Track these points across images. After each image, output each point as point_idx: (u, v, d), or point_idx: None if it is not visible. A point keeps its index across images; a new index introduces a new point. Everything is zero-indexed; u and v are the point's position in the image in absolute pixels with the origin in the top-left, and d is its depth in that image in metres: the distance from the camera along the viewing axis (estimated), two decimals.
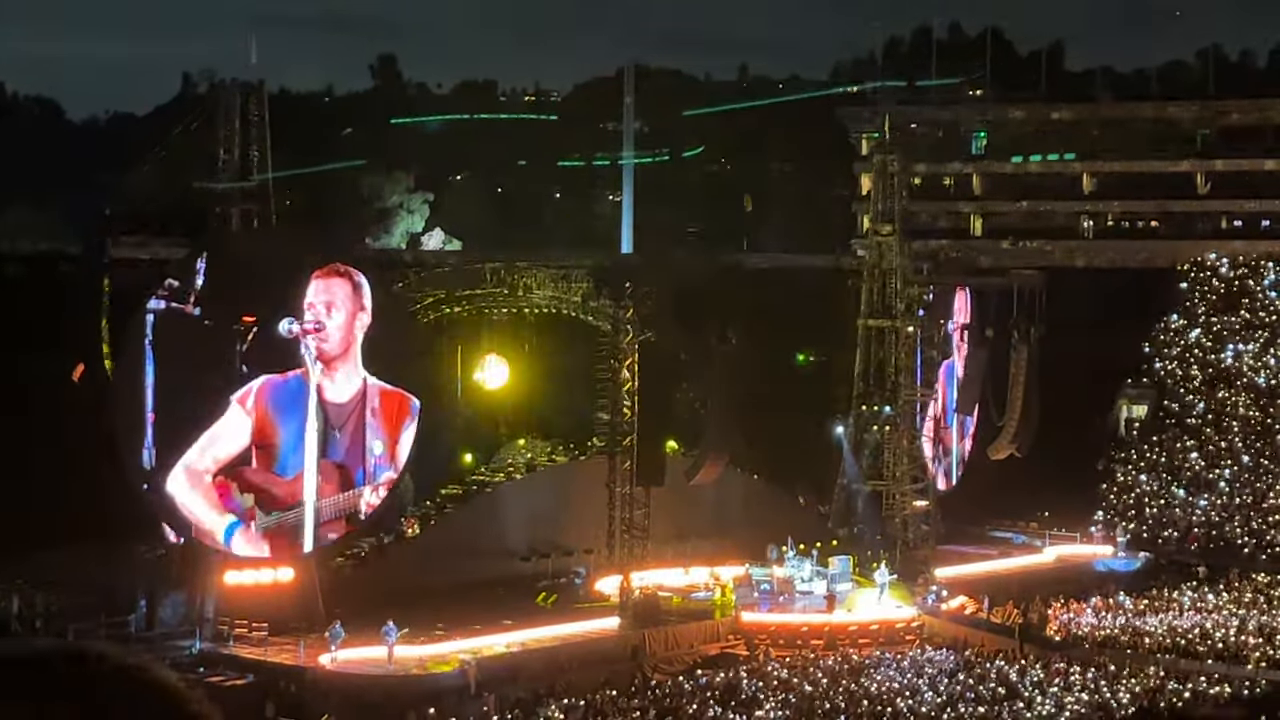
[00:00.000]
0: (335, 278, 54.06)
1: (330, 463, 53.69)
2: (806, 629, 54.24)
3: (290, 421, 53.32)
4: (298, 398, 53.50)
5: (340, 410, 54.06)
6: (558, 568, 59.72)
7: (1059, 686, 46.77)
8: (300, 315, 52.84)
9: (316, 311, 53.12)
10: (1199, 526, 72.45)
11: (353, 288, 54.26)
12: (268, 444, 53.00)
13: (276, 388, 53.31)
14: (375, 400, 54.50)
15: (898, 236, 63.97)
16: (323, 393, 53.73)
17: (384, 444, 54.52)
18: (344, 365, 54.05)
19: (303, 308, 52.98)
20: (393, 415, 54.67)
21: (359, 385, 54.36)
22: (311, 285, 53.48)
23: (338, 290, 53.87)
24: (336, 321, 53.41)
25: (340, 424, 53.99)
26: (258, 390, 52.82)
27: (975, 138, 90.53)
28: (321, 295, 53.50)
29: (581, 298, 58.60)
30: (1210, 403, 78.97)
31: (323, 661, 46.79)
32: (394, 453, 54.60)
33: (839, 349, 66.97)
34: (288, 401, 53.46)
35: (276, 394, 53.34)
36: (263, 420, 52.93)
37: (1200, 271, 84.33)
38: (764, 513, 64.26)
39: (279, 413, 53.30)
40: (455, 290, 57.26)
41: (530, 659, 48.70)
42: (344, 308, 53.65)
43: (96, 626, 48.15)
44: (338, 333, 53.49)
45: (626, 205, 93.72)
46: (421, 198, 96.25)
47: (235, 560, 50.72)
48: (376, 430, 54.44)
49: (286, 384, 53.51)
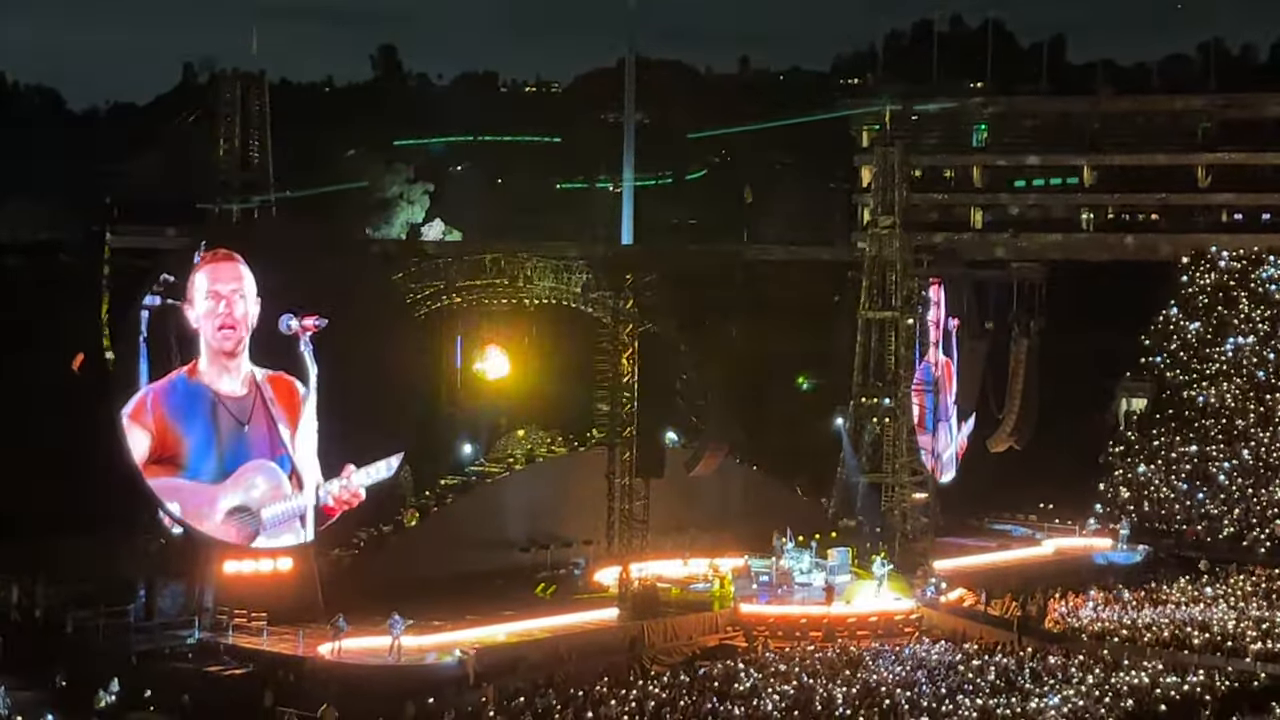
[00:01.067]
0: (228, 263, 50.93)
1: (259, 463, 51.13)
2: (805, 621, 54.29)
3: (194, 425, 50.51)
4: (194, 399, 50.75)
5: (241, 404, 51.48)
6: (557, 559, 59.79)
7: (1057, 679, 46.82)
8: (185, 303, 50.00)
9: (229, 301, 50.41)
10: (1198, 519, 72.51)
11: (244, 271, 51.25)
12: (171, 454, 50.02)
13: (167, 394, 50.38)
14: (268, 389, 51.90)
15: (898, 229, 64.00)
16: (211, 387, 50.88)
17: (289, 431, 51.97)
18: (230, 357, 51.28)
19: (192, 296, 50.09)
20: (287, 401, 52.02)
21: (248, 375, 51.71)
22: (204, 272, 50.44)
23: (233, 275, 50.82)
24: (241, 310, 50.62)
25: (245, 418, 51.47)
26: (151, 400, 50.07)
27: (976, 130, 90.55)
28: (228, 283, 50.72)
29: (581, 289, 58.57)
30: (1209, 395, 79.04)
31: (322, 651, 46.82)
32: (295, 442, 51.80)
33: (838, 341, 66.95)
34: (184, 405, 50.63)
35: (170, 400, 50.50)
36: (163, 431, 50.13)
37: (1200, 264, 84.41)
38: (763, 504, 64.35)
39: (179, 419, 50.44)
40: (455, 281, 57.21)
41: (529, 650, 48.72)
42: (246, 294, 50.83)
43: (95, 616, 48.23)
44: (244, 321, 50.82)
45: (627, 197, 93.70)
46: (422, 188, 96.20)
47: (234, 550, 50.62)
48: (282, 418, 51.96)
49: (175, 388, 50.66)
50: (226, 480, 50.65)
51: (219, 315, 50.68)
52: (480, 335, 64.99)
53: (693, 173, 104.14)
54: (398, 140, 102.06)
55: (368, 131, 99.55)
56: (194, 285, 50.26)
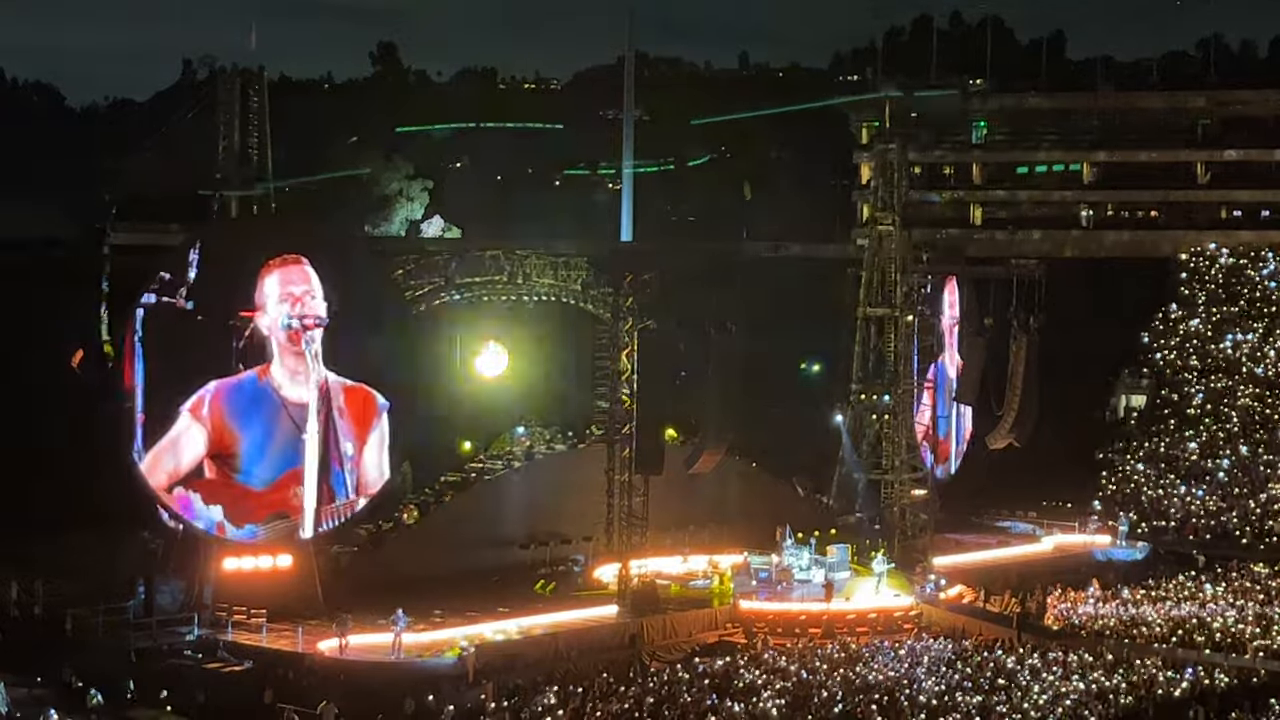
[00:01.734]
0: (296, 265, 50.88)
1: (297, 470, 51.08)
2: (804, 617, 54.28)
3: (252, 427, 50.40)
4: (256, 401, 50.49)
5: (303, 412, 51.19)
6: (556, 555, 59.78)
7: (1056, 675, 46.78)
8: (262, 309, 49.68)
9: (303, 303, 50.54)
10: (1197, 516, 72.51)
11: (311, 272, 51.08)
12: (227, 454, 50.11)
13: (231, 392, 50.15)
14: (340, 398, 51.78)
15: (897, 225, 63.96)
16: (279, 392, 50.84)
17: (354, 446, 52.13)
18: (301, 361, 51.05)
19: (261, 302, 50.02)
20: (359, 414, 52.18)
21: (320, 381, 51.45)
22: (274, 276, 50.38)
23: (303, 277, 50.73)
24: (316, 310, 50.78)
25: (305, 426, 51.17)
26: (211, 397, 49.79)
27: (975, 127, 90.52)
28: (300, 285, 50.62)
29: (581, 285, 58.54)
30: (1209, 392, 79.03)
31: (322, 648, 46.81)
32: (361, 455, 52.23)
33: (838, 337, 66.90)
34: (245, 405, 50.34)
35: (232, 398, 50.20)
36: (220, 429, 49.94)
37: (1199, 261, 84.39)
38: (762, 501, 64.33)
39: (238, 419, 50.21)
40: (454, 278, 57.17)
41: (528, 646, 48.74)
42: (316, 295, 50.80)
43: (95, 613, 48.22)
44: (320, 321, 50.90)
45: (626, 193, 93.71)
46: (421, 185, 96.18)
47: (234, 547, 50.61)
48: (346, 431, 51.93)
49: (241, 387, 50.30)
50: (271, 485, 50.79)
51: (297, 316, 50.63)
52: (479, 332, 64.95)
53: (695, 158, 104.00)
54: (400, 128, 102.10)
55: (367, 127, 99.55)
56: (263, 291, 50.29)
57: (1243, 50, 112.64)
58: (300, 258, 51.07)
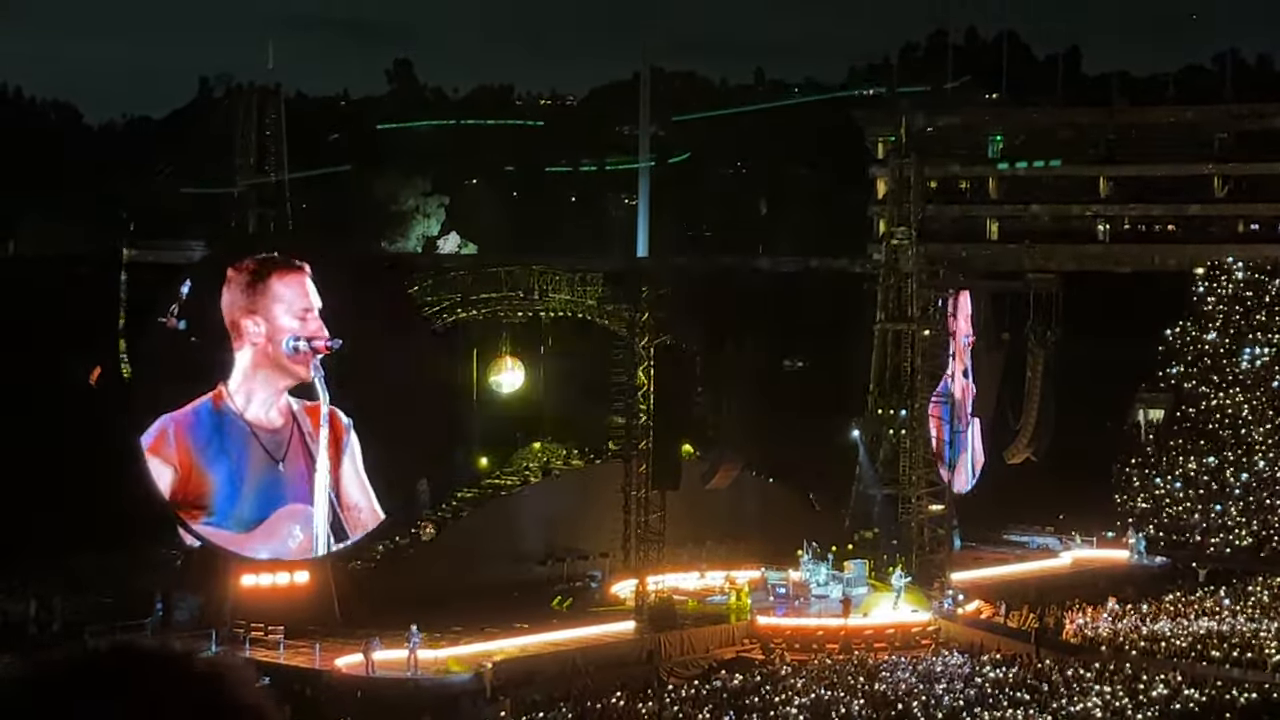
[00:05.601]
0: (298, 274, 47.45)
1: (294, 509, 47.57)
2: (822, 633, 54.17)
3: (220, 463, 45.56)
4: (222, 431, 45.53)
5: (276, 438, 46.44)
6: (573, 571, 59.74)
7: (1075, 691, 46.64)
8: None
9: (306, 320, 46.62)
10: (1216, 531, 72.26)
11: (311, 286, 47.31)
12: (195, 495, 45.65)
13: (190, 425, 45.27)
14: (306, 421, 47.36)
15: (914, 240, 63.89)
16: (242, 417, 45.78)
17: (329, 470, 47.97)
18: (263, 381, 46.63)
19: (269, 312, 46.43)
20: (330, 434, 47.96)
21: (285, 405, 46.89)
22: (282, 284, 46.57)
23: (305, 290, 47.09)
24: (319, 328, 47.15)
25: (281, 454, 46.67)
26: (174, 431, 45.13)
27: (992, 141, 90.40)
28: (304, 299, 46.88)
29: (597, 301, 58.61)
30: (1227, 406, 78.78)
31: (339, 665, 46.80)
32: (339, 479, 48.36)
33: (855, 352, 66.82)
34: (210, 437, 45.25)
35: (195, 432, 45.27)
36: (188, 468, 45.30)
37: (1216, 275, 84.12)
38: (779, 517, 64.23)
39: (204, 454, 45.27)
40: (471, 294, 57.24)
41: (546, 663, 48.70)
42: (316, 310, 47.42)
43: (113, 629, 48.22)
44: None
45: (642, 209, 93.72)
46: (437, 201, 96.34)
47: (251, 563, 50.61)
48: (324, 455, 47.95)
49: (199, 418, 45.32)
50: (257, 529, 47.58)
51: (305, 338, 46.64)
52: (496, 348, 65.03)
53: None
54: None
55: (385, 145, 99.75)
56: (271, 292, 46.63)
57: (1259, 64, 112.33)
58: (303, 268, 47.68)
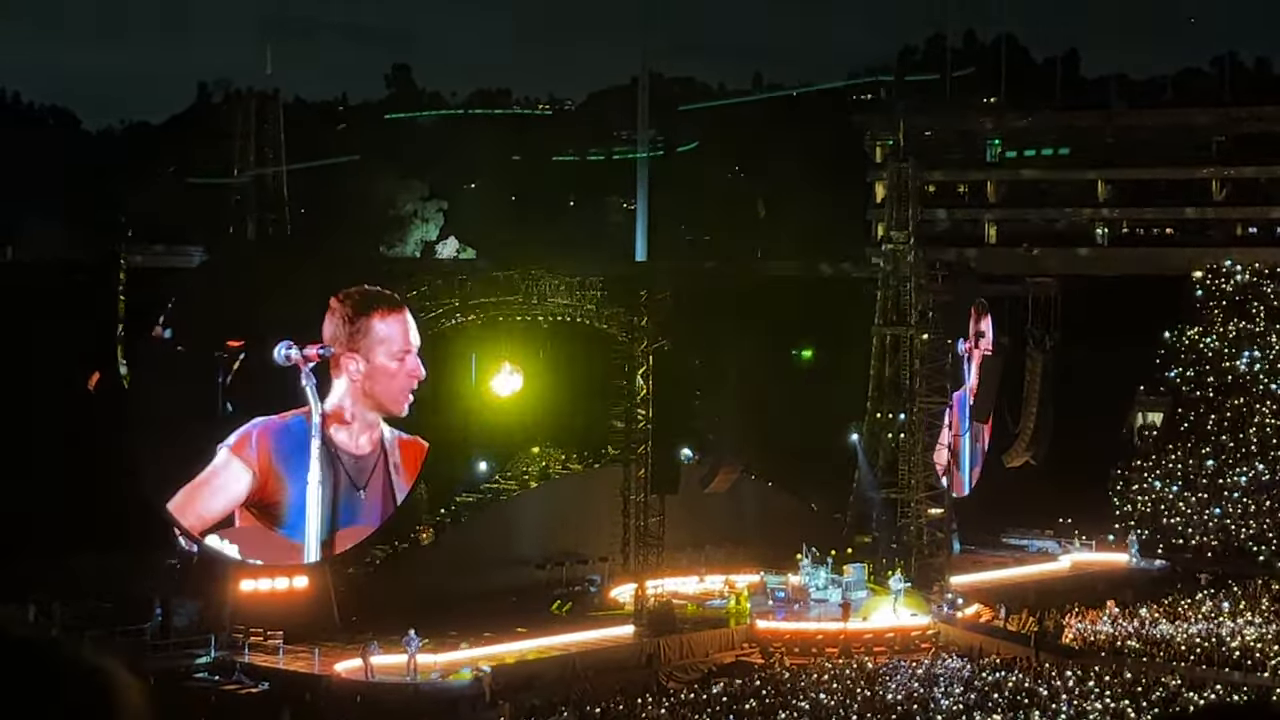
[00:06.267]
0: (400, 313, 48.01)
1: (358, 528, 48.07)
2: (821, 637, 54.18)
3: (300, 475, 46.15)
4: (304, 445, 46.04)
5: (361, 465, 47.10)
6: (572, 576, 59.75)
7: (1075, 695, 46.65)
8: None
9: (408, 358, 47.38)
10: (1215, 534, 72.28)
11: (411, 322, 47.94)
12: (270, 502, 46.04)
13: (278, 433, 45.56)
14: (396, 453, 48.09)
15: (912, 244, 63.93)
16: (334, 443, 46.53)
17: (322, 501, 47.58)
18: (361, 409, 47.19)
19: (367, 348, 46.81)
20: (413, 467, 49.01)
21: (377, 434, 47.71)
22: (387, 323, 47.14)
23: (406, 331, 47.94)
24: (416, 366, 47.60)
25: (363, 482, 47.19)
26: (258, 436, 45.39)
27: (990, 145, 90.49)
28: (406, 340, 47.66)
29: (596, 305, 58.61)
30: (1225, 410, 78.81)
31: (339, 670, 46.79)
32: None
33: (853, 356, 66.85)
34: (293, 449, 45.86)
35: (279, 441, 45.65)
36: (267, 473, 45.58)
37: (1215, 278, 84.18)
38: (778, 521, 64.24)
39: (285, 464, 45.75)
40: (469, 299, 57.24)
41: (545, 667, 48.71)
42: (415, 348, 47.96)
43: (112, 635, 48.24)
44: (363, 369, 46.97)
45: (640, 213, 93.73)
46: (436, 205, 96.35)
47: (250, 569, 50.57)
48: (402, 490, 48.68)
49: (288, 428, 45.75)
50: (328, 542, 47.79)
51: (405, 375, 47.19)
52: (494, 352, 65.00)
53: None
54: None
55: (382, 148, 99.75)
56: (373, 333, 47.05)
57: (1257, 67, 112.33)
58: (403, 306, 48.12)
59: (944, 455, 67.98)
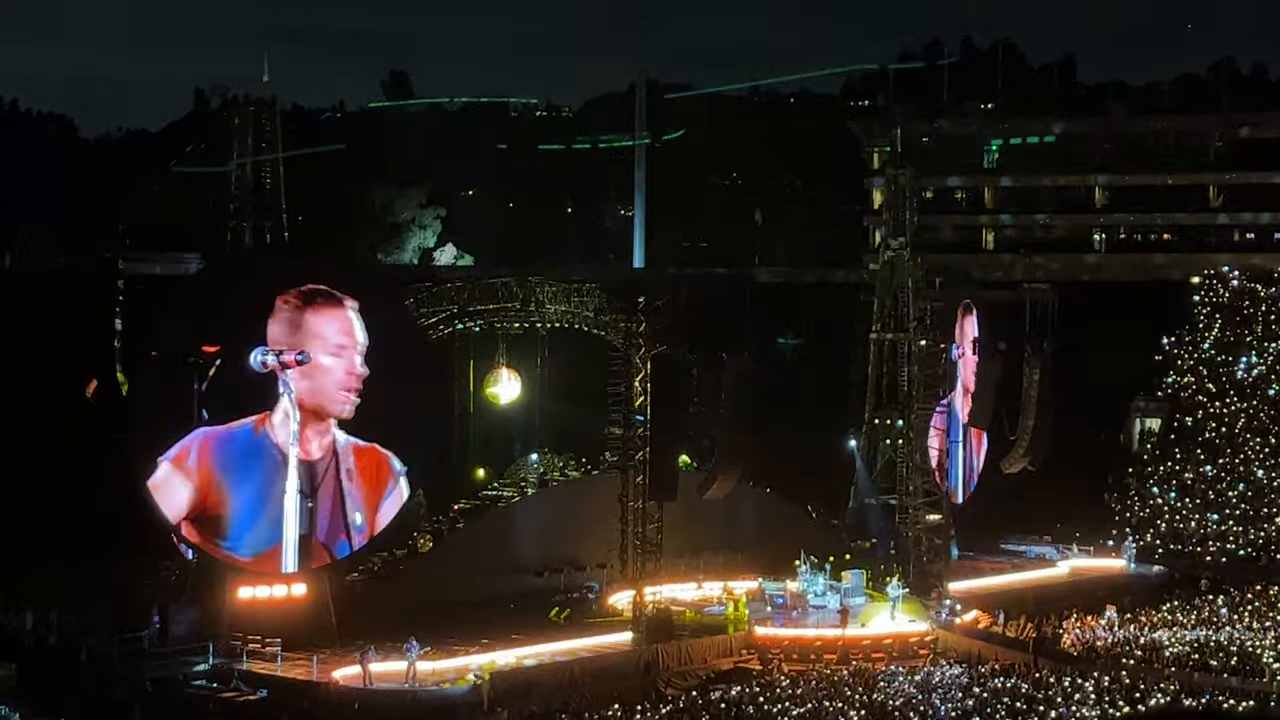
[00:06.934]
0: (340, 309, 46.46)
1: (308, 540, 46.81)
2: (820, 643, 54.12)
3: (244, 486, 45.10)
4: (253, 455, 45.02)
5: (312, 471, 45.93)
6: (571, 582, 59.71)
7: (1073, 701, 46.60)
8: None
9: (349, 354, 46.13)
10: (1213, 540, 72.29)
11: (354, 317, 46.37)
12: (211, 515, 45.14)
13: (222, 443, 44.75)
14: (350, 460, 46.67)
15: (909, 250, 63.96)
16: (283, 449, 45.42)
17: (364, 515, 47.41)
18: (306, 415, 45.91)
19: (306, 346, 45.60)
20: (371, 477, 47.48)
21: (329, 440, 46.54)
22: (321, 318, 45.88)
23: (348, 325, 46.32)
24: (360, 365, 46.54)
25: (313, 489, 46.06)
26: (199, 447, 44.44)
27: (987, 151, 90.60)
28: (346, 335, 46.16)
29: (594, 312, 58.57)
30: (1224, 416, 78.83)
31: (337, 676, 46.75)
32: (374, 526, 48.01)
33: (851, 362, 66.91)
34: (239, 459, 44.84)
35: (222, 451, 44.80)
36: (208, 486, 44.48)
37: (1213, 284, 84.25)
38: (777, 527, 64.22)
39: (229, 475, 44.84)
40: (468, 305, 57.26)
41: (543, 674, 48.64)
42: (359, 345, 46.61)
43: (110, 642, 48.20)
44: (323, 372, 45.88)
45: (638, 220, 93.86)
46: (433, 213, 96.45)
47: (248, 576, 50.50)
48: (355, 498, 47.35)
49: (234, 437, 44.92)
50: (256, 557, 47.00)
51: (342, 372, 45.95)
52: (493, 359, 65.08)
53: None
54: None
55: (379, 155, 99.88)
56: (307, 328, 45.90)
57: (1254, 73, 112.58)
58: (342, 301, 46.57)
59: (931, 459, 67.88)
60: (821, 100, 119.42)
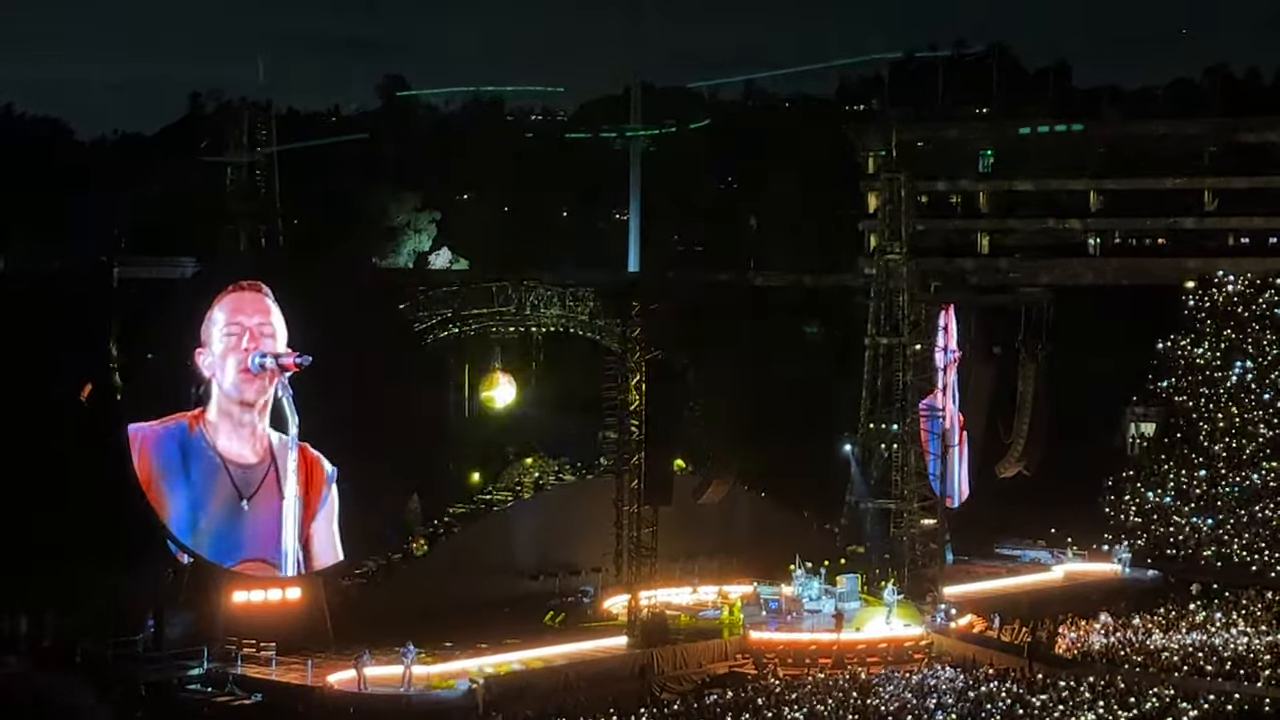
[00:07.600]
0: (252, 293, 45.10)
1: (259, 563, 46.49)
2: (815, 648, 54.16)
3: (181, 487, 43.57)
4: (190, 456, 43.42)
5: (247, 475, 44.26)
6: (566, 587, 59.70)
7: (1068, 705, 46.63)
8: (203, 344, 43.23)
9: (254, 337, 44.50)
10: (1208, 544, 72.35)
11: (271, 304, 44.94)
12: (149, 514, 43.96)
13: (158, 441, 43.04)
14: (289, 460, 45.31)
15: (905, 255, 63.98)
16: (215, 447, 43.72)
17: (298, 521, 46.28)
18: (247, 413, 44.51)
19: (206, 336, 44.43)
20: (306, 481, 46.10)
21: (265, 440, 44.76)
22: (223, 305, 44.37)
23: (259, 307, 44.81)
24: (269, 349, 45.05)
25: (250, 492, 44.49)
26: (140, 443, 42.99)
27: (982, 156, 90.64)
28: (252, 316, 44.59)
29: (589, 316, 58.58)
30: (1218, 420, 78.89)
31: (331, 681, 46.73)
32: (310, 532, 46.82)
33: (846, 366, 66.86)
34: (175, 459, 43.24)
35: (158, 450, 43.15)
36: (147, 485, 43.26)
37: (1207, 288, 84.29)
38: (771, 531, 64.25)
39: (166, 473, 43.28)
40: (463, 310, 57.24)
41: (538, 678, 48.65)
42: (275, 331, 45.31)
43: (105, 646, 48.16)
44: None
45: (633, 224, 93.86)
46: (429, 216, 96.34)
47: (243, 580, 50.49)
48: (293, 498, 46.33)
49: (169, 434, 43.12)
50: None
51: (242, 353, 44.69)
52: (488, 363, 65.04)
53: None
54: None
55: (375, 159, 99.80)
56: (210, 321, 45.26)
57: (1248, 78, 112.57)
58: (259, 284, 45.45)
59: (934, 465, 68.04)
60: (817, 103, 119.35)
